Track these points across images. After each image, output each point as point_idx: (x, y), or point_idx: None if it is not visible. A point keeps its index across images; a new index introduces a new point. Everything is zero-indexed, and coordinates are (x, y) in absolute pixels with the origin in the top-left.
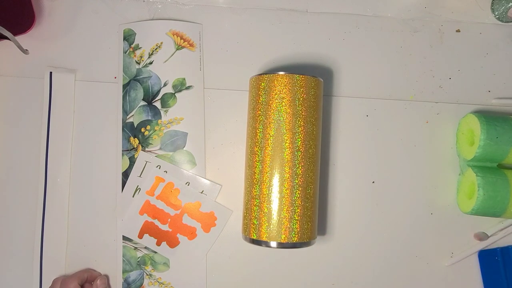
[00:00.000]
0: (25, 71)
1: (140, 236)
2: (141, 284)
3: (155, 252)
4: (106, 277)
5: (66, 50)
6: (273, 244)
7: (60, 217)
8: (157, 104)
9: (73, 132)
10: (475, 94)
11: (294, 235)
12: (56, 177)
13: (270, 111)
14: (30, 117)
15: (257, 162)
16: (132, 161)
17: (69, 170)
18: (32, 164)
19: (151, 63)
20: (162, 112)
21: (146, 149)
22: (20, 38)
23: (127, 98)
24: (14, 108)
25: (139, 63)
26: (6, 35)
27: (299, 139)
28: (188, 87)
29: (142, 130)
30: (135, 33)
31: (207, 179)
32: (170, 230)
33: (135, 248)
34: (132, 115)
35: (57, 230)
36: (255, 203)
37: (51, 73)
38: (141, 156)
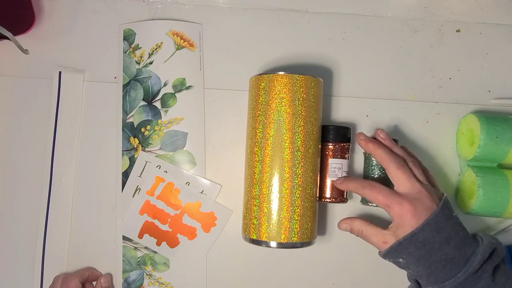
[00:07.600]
0: (25, 71)
1: (140, 236)
2: (141, 284)
3: (155, 252)
4: (110, 275)
5: (66, 50)
6: (273, 244)
7: (63, 217)
8: (157, 104)
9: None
10: (475, 94)
11: (294, 235)
12: (61, 177)
13: (270, 111)
14: (32, 117)
15: (257, 162)
16: (132, 161)
17: (74, 170)
18: (37, 164)
19: (151, 63)
20: (162, 112)
21: (146, 149)
22: (20, 38)
23: (127, 98)
24: (15, 108)
25: (139, 63)
26: (6, 35)
27: (299, 139)
28: (188, 87)
29: (142, 130)
30: (135, 33)
31: (207, 179)
32: (170, 230)
33: (135, 248)
34: (132, 115)
35: (60, 230)
36: (255, 203)
37: (60, 72)
38: (141, 156)
